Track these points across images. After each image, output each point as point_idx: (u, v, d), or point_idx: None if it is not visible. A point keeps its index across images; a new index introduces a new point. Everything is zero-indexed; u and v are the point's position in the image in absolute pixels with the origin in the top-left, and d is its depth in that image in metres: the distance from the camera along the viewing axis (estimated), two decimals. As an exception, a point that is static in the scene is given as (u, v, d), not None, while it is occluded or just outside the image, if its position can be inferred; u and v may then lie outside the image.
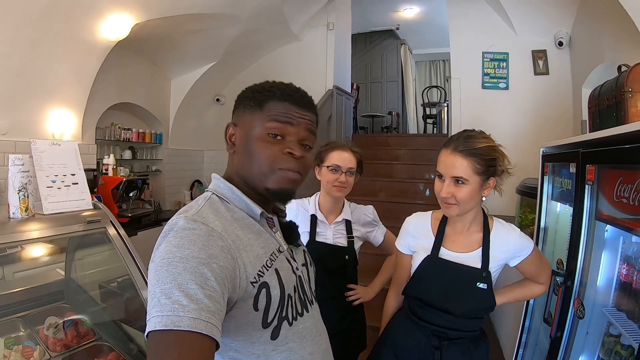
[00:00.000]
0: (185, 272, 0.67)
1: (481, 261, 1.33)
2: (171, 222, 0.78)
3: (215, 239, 0.75)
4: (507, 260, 1.38)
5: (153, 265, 0.71)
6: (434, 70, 9.89)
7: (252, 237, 0.84)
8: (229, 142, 0.92)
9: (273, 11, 4.61)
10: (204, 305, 0.65)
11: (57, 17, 2.97)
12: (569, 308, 1.62)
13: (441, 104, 7.18)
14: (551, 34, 4.08)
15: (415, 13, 7.81)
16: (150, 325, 0.63)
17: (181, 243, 0.71)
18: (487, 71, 4.43)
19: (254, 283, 0.79)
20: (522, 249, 1.36)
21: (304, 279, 0.98)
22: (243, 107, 0.90)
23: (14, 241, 1.53)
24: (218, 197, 0.88)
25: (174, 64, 4.97)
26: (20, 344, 1.57)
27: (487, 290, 1.32)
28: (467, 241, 1.38)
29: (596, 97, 1.95)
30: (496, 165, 1.27)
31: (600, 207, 1.57)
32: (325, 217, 1.78)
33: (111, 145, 4.57)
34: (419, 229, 1.45)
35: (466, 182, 1.24)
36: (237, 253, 0.77)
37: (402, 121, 9.17)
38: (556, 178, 2.13)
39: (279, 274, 0.85)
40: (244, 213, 0.88)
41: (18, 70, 2.98)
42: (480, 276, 1.33)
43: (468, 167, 1.24)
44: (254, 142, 0.86)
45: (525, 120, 4.22)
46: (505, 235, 1.37)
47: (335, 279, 1.77)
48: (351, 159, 1.72)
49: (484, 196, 1.31)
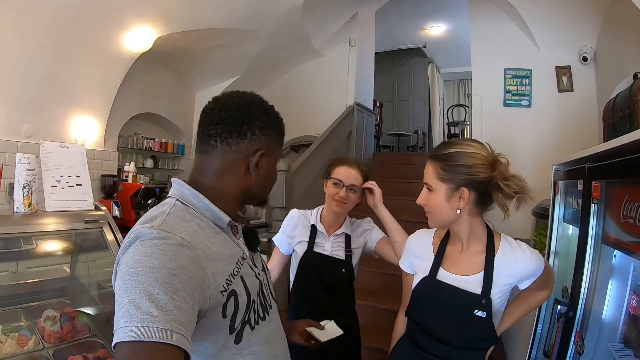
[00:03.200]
0: (155, 282, 0.66)
1: (482, 287, 1.20)
2: (136, 230, 0.77)
3: (185, 249, 0.74)
4: (515, 283, 1.25)
5: (120, 274, 0.70)
6: (462, 89, 9.75)
7: (219, 246, 0.85)
8: (253, 167, 0.91)
9: (293, 27, 4.69)
10: (174, 316, 0.64)
11: (83, 28, 3.14)
12: (569, 342, 1.46)
13: (464, 123, 7.05)
14: (575, 49, 3.95)
15: (441, 31, 7.76)
16: (118, 336, 0.62)
17: (150, 252, 0.70)
18: (510, 88, 4.31)
19: (223, 292, 0.79)
20: (533, 273, 1.22)
21: (264, 283, 0.99)
22: (273, 138, 0.96)
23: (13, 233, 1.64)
24: (182, 204, 0.87)
25: (197, 77, 5.12)
26: (17, 332, 1.64)
27: (486, 319, 1.19)
28: (468, 263, 1.25)
29: (610, 109, 1.83)
30: (471, 174, 1.14)
31: (607, 229, 1.43)
32: (325, 229, 1.76)
33: (134, 154, 4.72)
34: (420, 249, 1.36)
35: (432, 188, 1.20)
36: (207, 263, 0.77)
37: (428, 140, 9.06)
38: (568, 198, 2.00)
39: (244, 281, 0.86)
40: (209, 221, 0.87)
41: (44, 78, 3.16)
42: (479, 303, 1.19)
43: (432, 172, 1.19)
44: (275, 169, 1.01)
45: (548, 139, 4.06)
46: (512, 257, 1.22)
47: (330, 294, 1.72)
48: (356, 176, 1.69)
49: (459, 209, 1.18)
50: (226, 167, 0.90)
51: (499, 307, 1.22)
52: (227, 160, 0.90)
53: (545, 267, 1.25)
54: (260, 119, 0.91)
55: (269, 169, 0.96)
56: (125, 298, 0.65)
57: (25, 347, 1.58)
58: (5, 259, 1.90)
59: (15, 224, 1.62)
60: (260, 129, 0.91)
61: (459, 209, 1.18)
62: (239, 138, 0.89)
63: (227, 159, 0.90)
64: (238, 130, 0.89)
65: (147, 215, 0.83)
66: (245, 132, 0.89)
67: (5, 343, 1.55)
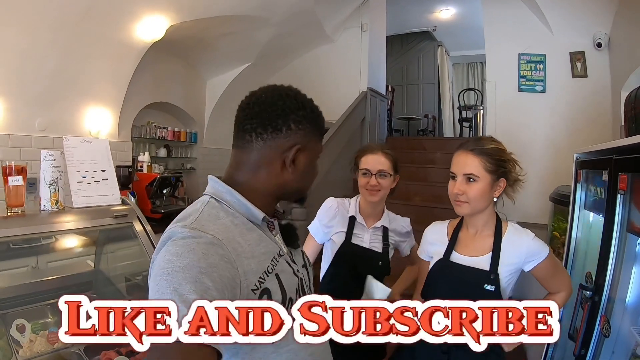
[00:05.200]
0: (185, 282, 0.67)
1: (490, 264, 1.35)
2: (169, 230, 0.78)
3: (216, 247, 0.74)
4: (521, 264, 1.37)
5: (153, 275, 0.71)
6: (471, 73, 9.65)
7: (253, 242, 0.84)
8: (289, 163, 0.90)
9: (305, 13, 4.64)
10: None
11: (94, 19, 3.12)
12: (594, 325, 1.53)
13: (477, 107, 6.99)
14: (589, 35, 3.91)
15: (451, 14, 7.66)
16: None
17: (181, 252, 0.71)
18: (524, 74, 4.27)
19: (255, 290, 0.79)
20: (536, 253, 1.36)
21: (305, 280, 0.98)
22: (311, 132, 0.93)
23: (43, 232, 1.62)
24: (217, 201, 0.87)
25: (208, 64, 5.10)
26: (46, 329, 1.63)
27: (495, 292, 1.33)
28: (478, 245, 1.41)
29: (632, 100, 1.84)
30: (506, 167, 1.34)
31: (632, 219, 1.47)
32: (364, 220, 1.75)
33: (147, 143, 4.74)
34: (436, 237, 1.51)
35: (477, 179, 1.31)
36: (238, 261, 0.77)
37: (438, 124, 9.00)
38: (589, 186, 2.02)
39: (280, 279, 0.85)
40: (244, 218, 0.86)
41: (56, 71, 3.16)
42: (488, 278, 1.34)
43: (479, 164, 1.31)
44: (315, 165, 0.98)
45: (562, 125, 4.05)
46: (517, 239, 1.38)
47: (362, 286, 1.73)
48: (381, 161, 1.68)
49: (495, 197, 1.36)
50: (262, 163, 0.89)
51: (506, 285, 1.35)
52: (262, 156, 0.89)
53: (550, 255, 1.38)
54: (295, 113, 0.89)
55: (307, 165, 0.93)
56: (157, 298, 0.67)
57: (55, 345, 1.57)
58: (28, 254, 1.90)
59: (43, 223, 1.59)
60: (296, 123, 0.88)
61: (495, 197, 1.36)
62: (274, 133, 0.87)
63: (263, 154, 0.89)
64: (273, 124, 0.87)
65: (181, 214, 0.84)
66: (280, 127, 0.87)
67: (36, 341, 1.55)
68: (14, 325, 1.57)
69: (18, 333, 1.56)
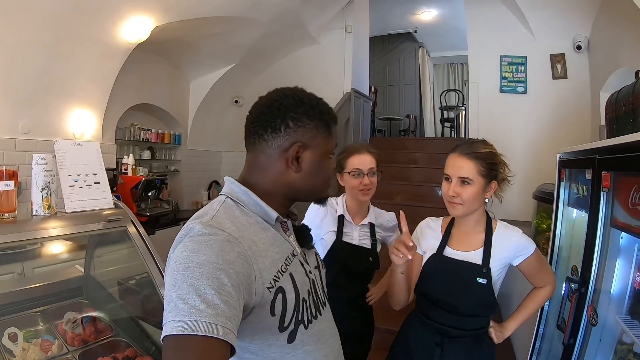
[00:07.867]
0: (202, 277, 0.68)
1: (482, 258, 1.42)
2: (187, 227, 0.79)
3: (232, 245, 0.75)
4: (510, 259, 1.45)
5: (169, 270, 0.72)
6: (452, 74, 9.80)
7: (268, 242, 0.85)
8: (293, 161, 0.90)
9: (291, 14, 4.63)
10: (220, 311, 0.65)
11: (79, 20, 3.05)
12: (582, 315, 1.60)
13: (459, 108, 7.12)
14: (569, 38, 4.03)
15: (433, 16, 7.76)
16: (166, 330, 0.64)
17: (198, 248, 0.72)
18: (505, 75, 4.38)
19: (270, 288, 0.80)
20: (524, 248, 1.44)
21: (317, 282, 0.99)
22: (314, 129, 0.91)
23: (36, 238, 1.57)
24: (232, 201, 0.88)
25: (193, 65, 5.05)
26: (39, 337, 1.61)
27: (487, 285, 1.40)
28: (471, 241, 1.48)
29: (613, 103, 1.93)
30: (497, 169, 1.41)
31: (615, 215, 1.54)
32: (352, 218, 1.82)
33: (131, 145, 4.67)
34: (429, 231, 1.58)
35: (471, 182, 1.37)
36: (254, 259, 0.78)
37: (419, 124, 9.12)
38: (572, 184, 2.11)
39: (294, 278, 0.86)
40: (258, 217, 0.88)
41: (40, 72, 3.07)
42: (480, 271, 1.41)
43: (474, 168, 1.37)
44: (325, 163, 0.95)
45: (543, 125, 4.17)
46: (507, 235, 1.46)
47: (356, 283, 1.83)
48: (371, 160, 1.76)
49: (486, 198, 1.43)
50: (266, 164, 0.91)
51: (497, 279, 1.44)
52: (266, 157, 0.90)
53: (536, 250, 1.46)
54: (293, 111, 0.89)
55: (315, 163, 0.92)
56: (173, 293, 0.67)
57: (49, 352, 1.55)
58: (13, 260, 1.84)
59: (36, 228, 1.54)
60: (294, 121, 0.89)
61: (487, 199, 1.44)
62: (274, 133, 0.88)
63: (266, 155, 0.90)
64: (272, 125, 0.88)
65: (198, 212, 0.85)
66: (278, 126, 0.88)
67: (29, 350, 1.52)
68: (6, 334, 1.53)
69: (10, 342, 1.52)
